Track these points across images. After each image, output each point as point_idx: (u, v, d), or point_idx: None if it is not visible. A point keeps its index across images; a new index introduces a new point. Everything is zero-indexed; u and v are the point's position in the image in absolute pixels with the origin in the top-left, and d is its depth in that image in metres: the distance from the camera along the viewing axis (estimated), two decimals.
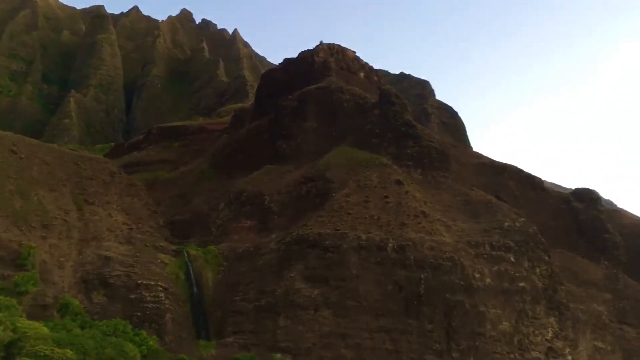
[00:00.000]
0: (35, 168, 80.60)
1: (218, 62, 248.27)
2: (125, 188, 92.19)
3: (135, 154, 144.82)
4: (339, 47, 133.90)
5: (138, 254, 79.91)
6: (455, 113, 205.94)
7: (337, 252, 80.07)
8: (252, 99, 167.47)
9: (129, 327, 64.90)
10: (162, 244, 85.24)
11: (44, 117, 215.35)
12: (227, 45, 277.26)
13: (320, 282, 77.96)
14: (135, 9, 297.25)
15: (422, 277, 77.87)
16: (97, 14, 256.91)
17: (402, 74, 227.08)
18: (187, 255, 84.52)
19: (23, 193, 74.71)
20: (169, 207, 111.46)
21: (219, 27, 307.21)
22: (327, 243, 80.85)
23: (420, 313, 76.04)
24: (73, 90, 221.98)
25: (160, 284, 76.53)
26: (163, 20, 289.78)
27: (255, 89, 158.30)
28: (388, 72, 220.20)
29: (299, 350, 72.37)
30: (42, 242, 71.66)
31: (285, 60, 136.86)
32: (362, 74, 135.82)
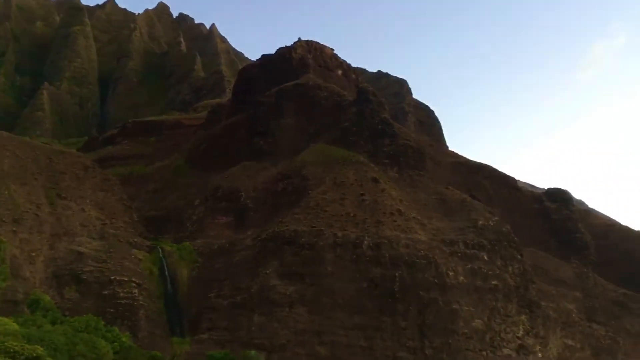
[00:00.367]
0: (7, 161, 79.22)
1: (195, 56, 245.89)
2: (99, 183, 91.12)
3: (110, 149, 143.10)
4: (317, 44, 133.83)
5: (111, 250, 79.05)
6: (432, 112, 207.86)
7: (312, 249, 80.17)
8: (229, 95, 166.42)
9: (101, 323, 64.27)
10: (136, 240, 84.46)
11: (16, 109, 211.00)
12: (204, 40, 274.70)
13: (296, 279, 78.00)
14: (112, 2, 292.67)
15: (396, 274, 78.38)
16: (72, 5, 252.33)
17: (379, 73, 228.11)
18: (161, 251, 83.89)
19: None
20: (144, 202, 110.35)
21: (197, 21, 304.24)
22: (302, 240, 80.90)
23: (395, 310, 76.53)
24: (46, 83, 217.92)
25: (134, 280, 75.87)
26: (139, 13, 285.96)
27: (233, 85, 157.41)
28: (366, 70, 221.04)
29: (274, 347, 72.33)
30: (12, 236, 70.53)
31: (263, 57, 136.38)
32: (339, 72, 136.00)
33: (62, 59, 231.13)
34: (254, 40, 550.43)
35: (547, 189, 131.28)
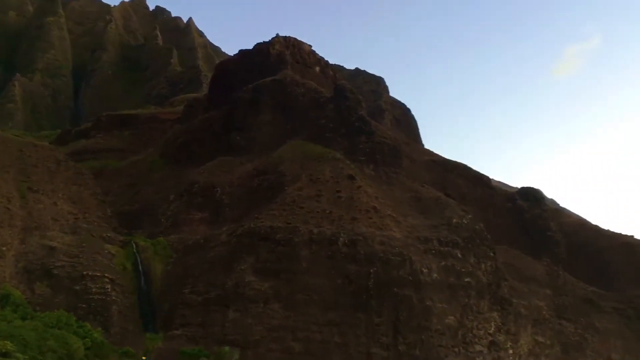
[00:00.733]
0: None
1: (172, 50, 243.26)
2: (72, 176, 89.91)
3: (83, 142, 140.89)
4: (295, 40, 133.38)
5: (84, 244, 78.09)
6: (408, 110, 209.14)
7: (288, 245, 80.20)
8: (206, 90, 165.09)
9: (73, 319, 63.46)
10: (109, 235, 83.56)
11: None
12: (181, 34, 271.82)
13: (271, 275, 77.96)
14: None
15: (371, 271, 78.82)
16: None
17: (357, 70, 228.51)
18: (135, 247, 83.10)
19: None
20: (118, 197, 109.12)
21: (174, 14, 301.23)
22: (278, 236, 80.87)
23: (369, 307, 77.01)
24: (18, 74, 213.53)
25: (107, 275, 75.07)
26: (115, 5, 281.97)
27: (210, 80, 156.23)
28: (343, 67, 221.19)
29: (248, 343, 72.24)
30: None
31: (241, 52, 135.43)
32: (317, 68, 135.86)
33: (35, 50, 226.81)
34: (232, 36, 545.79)
35: (520, 188, 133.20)
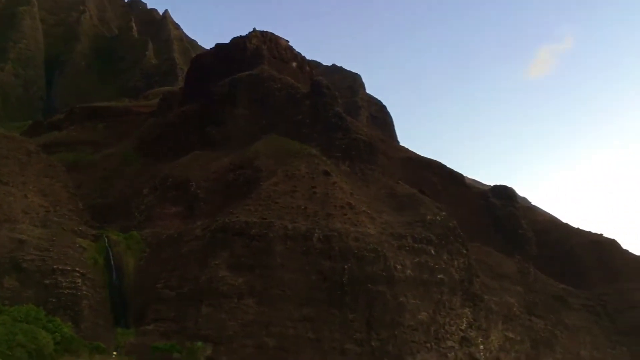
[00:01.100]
0: None
1: (147, 42, 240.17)
2: (44, 169, 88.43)
3: (56, 134, 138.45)
4: (272, 35, 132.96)
5: (54, 238, 76.81)
6: (384, 107, 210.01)
7: (262, 240, 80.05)
8: (181, 83, 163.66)
9: (42, 313, 62.39)
10: (81, 228, 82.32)
11: None
12: (156, 26, 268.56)
13: (245, 270, 77.73)
14: None
15: (346, 267, 79.15)
16: None
17: (334, 66, 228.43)
18: (107, 240, 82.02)
19: None
20: (91, 190, 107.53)
21: (149, 6, 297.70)
22: (253, 232, 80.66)
23: (343, 303, 77.32)
24: None
25: (78, 270, 73.93)
26: None
27: (185, 73, 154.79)
28: (320, 63, 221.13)
29: (221, 339, 71.90)
30: None
31: (217, 46, 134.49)
32: (294, 64, 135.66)
33: (6, 40, 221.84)
34: (208, 29, 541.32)
35: (493, 186, 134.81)
